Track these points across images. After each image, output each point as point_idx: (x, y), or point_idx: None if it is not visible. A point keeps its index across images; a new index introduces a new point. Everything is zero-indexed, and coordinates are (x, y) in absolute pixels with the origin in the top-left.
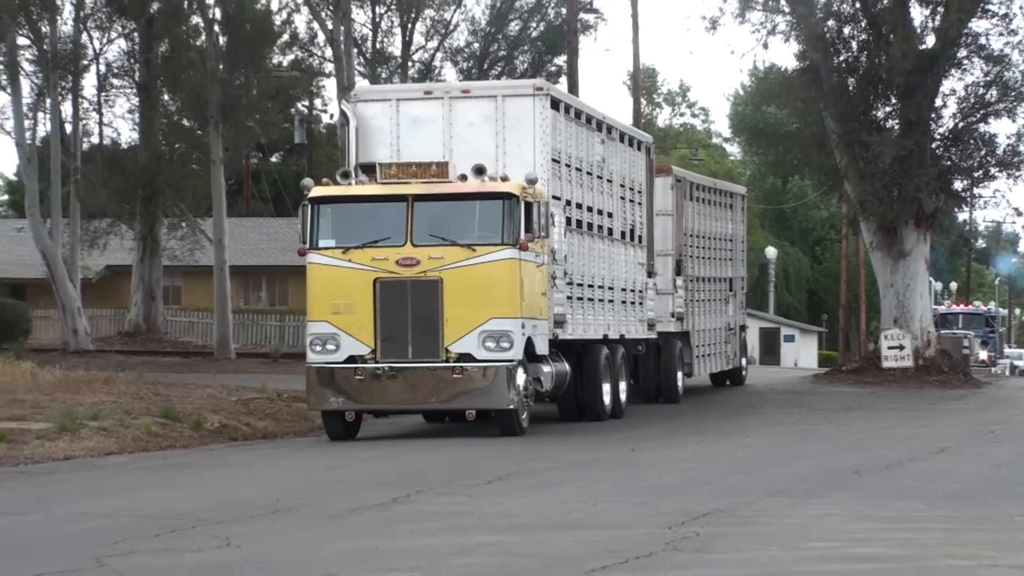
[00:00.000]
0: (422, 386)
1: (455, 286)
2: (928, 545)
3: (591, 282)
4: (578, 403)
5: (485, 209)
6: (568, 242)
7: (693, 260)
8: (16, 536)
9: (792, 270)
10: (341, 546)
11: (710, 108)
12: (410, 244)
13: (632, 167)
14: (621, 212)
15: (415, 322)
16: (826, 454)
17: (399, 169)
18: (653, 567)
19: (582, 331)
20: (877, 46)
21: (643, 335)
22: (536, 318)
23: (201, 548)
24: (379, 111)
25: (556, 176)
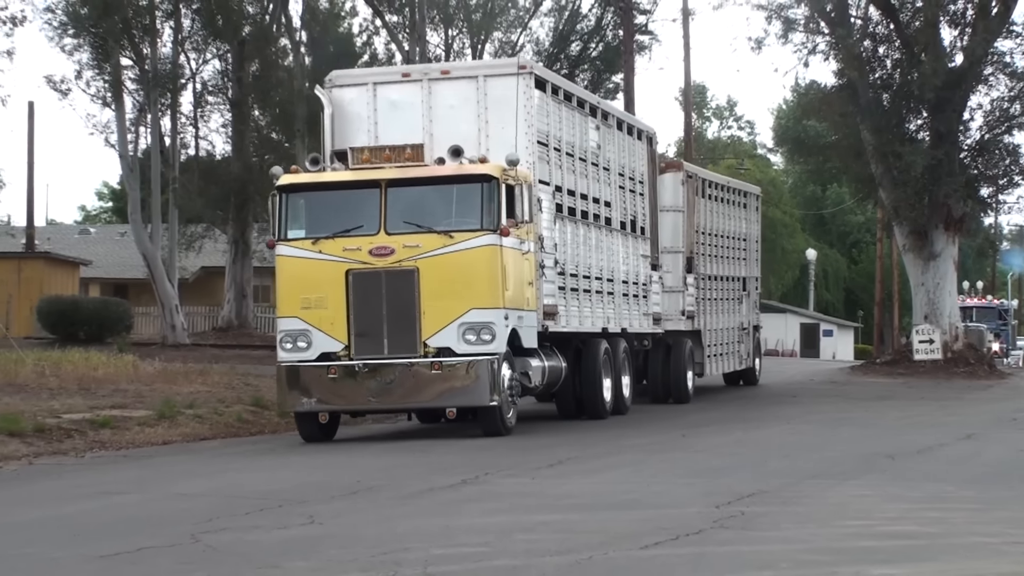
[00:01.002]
0: (399, 384)
1: (432, 276)
2: (956, 524)
3: (587, 272)
4: (577, 400)
5: (463, 193)
6: (560, 230)
7: (705, 258)
8: (120, 514)
9: (831, 270)
10: (415, 523)
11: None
12: (384, 232)
13: (632, 157)
14: (620, 202)
15: (390, 315)
16: (861, 440)
17: (372, 153)
18: (702, 543)
19: (577, 323)
20: (910, 64)
21: (647, 329)
22: (522, 309)
23: (287, 525)
24: (356, 96)
25: (543, 160)
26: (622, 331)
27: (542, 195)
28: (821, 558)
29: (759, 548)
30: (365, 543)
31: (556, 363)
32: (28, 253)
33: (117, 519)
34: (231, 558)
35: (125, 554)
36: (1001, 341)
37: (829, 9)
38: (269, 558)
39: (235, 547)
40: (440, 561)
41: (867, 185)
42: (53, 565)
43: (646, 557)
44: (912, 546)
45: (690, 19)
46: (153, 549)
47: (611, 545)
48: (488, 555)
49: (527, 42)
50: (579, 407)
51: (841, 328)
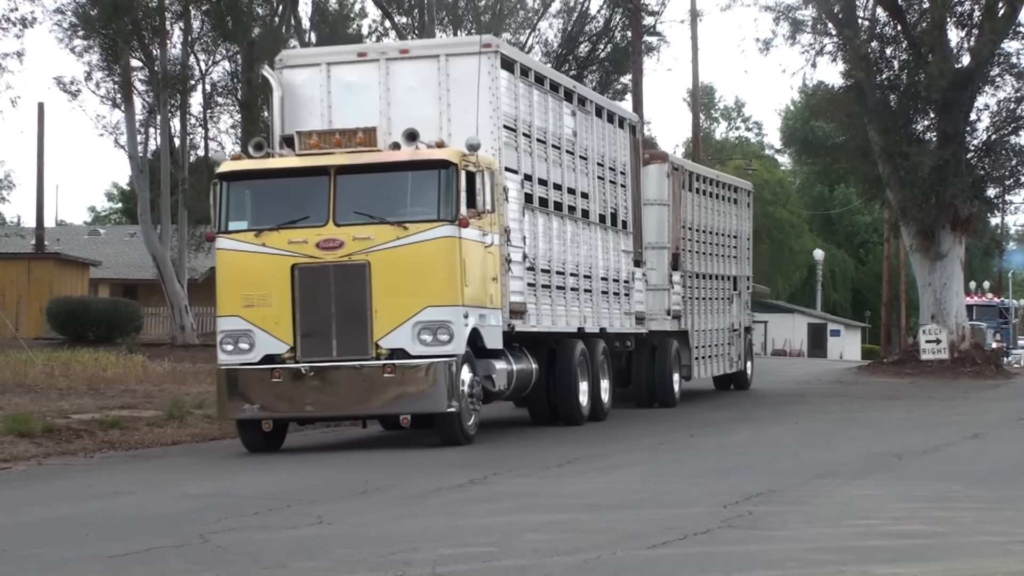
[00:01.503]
0: (349, 388)
1: (385, 271)
2: (963, 523)
3: (560, 268)
4: (551, 405)
5: (418, 180)
6: (529, 222)
7: (692, 255)
8: (129, 514)
9: (838, 270)
10: (423, 523)
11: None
12: (332, 224)
13: (613, 146)
14: (600, 194)
15: (339, 314)
16: (869, 439)
17: (320, 138)
18: (710, 542)
19: (549, 322)
20: (917, 65)
21: (630, 329)
22: (484, 307)
23: (296, 525)
24: (308, 78)
25: (511, 146)
26: (601, 331)
27: (509, 184)
28: (828, 557)
29: (767, 547)
30: (373, 543)
31: (526, 366)
32: (38, 254)
33: (126, 519)
34: (240, 558)
35: (134, 554)
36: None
37: (836, 10)
38: (278, 558)
39: (244, 547)
40: (448, 561)
41: (874, 185)
42: (63, 565)
43: (654, 557)
44: (919, 545)
45: (698, 20)
46: (162, 549)
47: (619, 545)
48: (496, 555)
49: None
50: (553, 412)
51: (848, 328)
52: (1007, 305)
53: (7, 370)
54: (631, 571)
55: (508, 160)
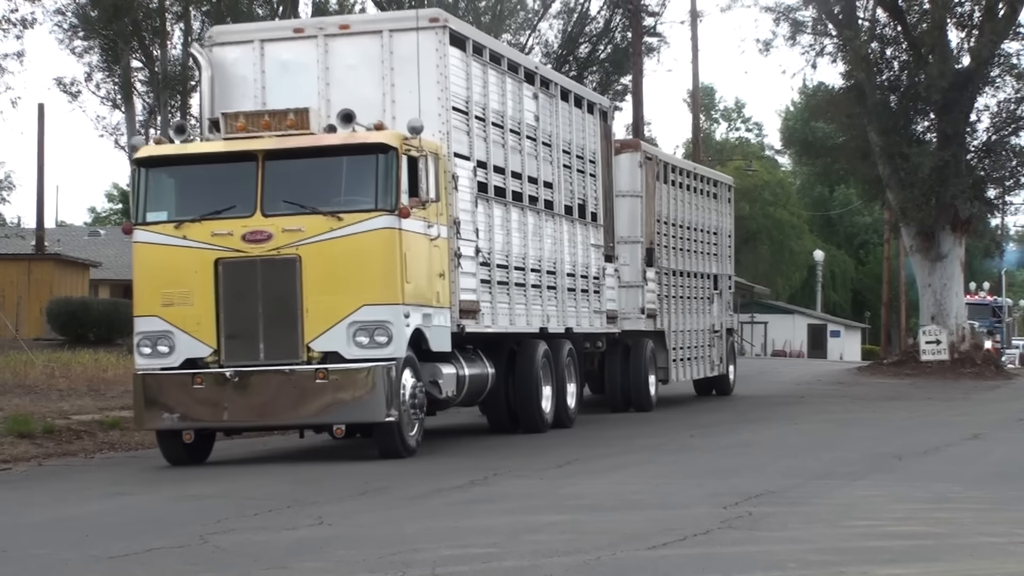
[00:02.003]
0: (277, 395)
1: (317, 266)
2: (963, 524)
3: (520, 263)
4: (511, 411)
5: (354, 166)
6: (484, 213)
7: (668, 251)
8: (129, 515)
9: (838, 271)
10: (424, 524)
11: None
12: (260, 214)
13: (582, 133)
14: (567, 183)
15: (267, 313)
16: (869, 440)
17: (248, 120)
18: (710, 543)
19: (507, 322)
20: (917, 66)
21: (600, 329)
22: (429, 305)
23: (296, 526)
24: (240, 56)
25: (461, 130)
26: (567, 331)
27: (459, 171)
28: (828, 558)
29: (767, 548)
30: (374, 544)
31: (480, 369)
32: (38, 255)
33: (126, 520)
34: (240, 559)
35: (134, 555)
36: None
37: (837, 11)
38: (278, 559)
39: (244, 548)
40: (449, 562)
41: (874, 186)
42: (63, 566)
43: (654, 557)
44: (919, 546)
45: (698, 21)
46: (162, 550)
47: (619, 546)
48: (496, 556)
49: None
50: (513, 419)
51: (848, 329)
52: (1000, 304)
53: (7, 371)
54: (631, 571)
55: (458, 145)
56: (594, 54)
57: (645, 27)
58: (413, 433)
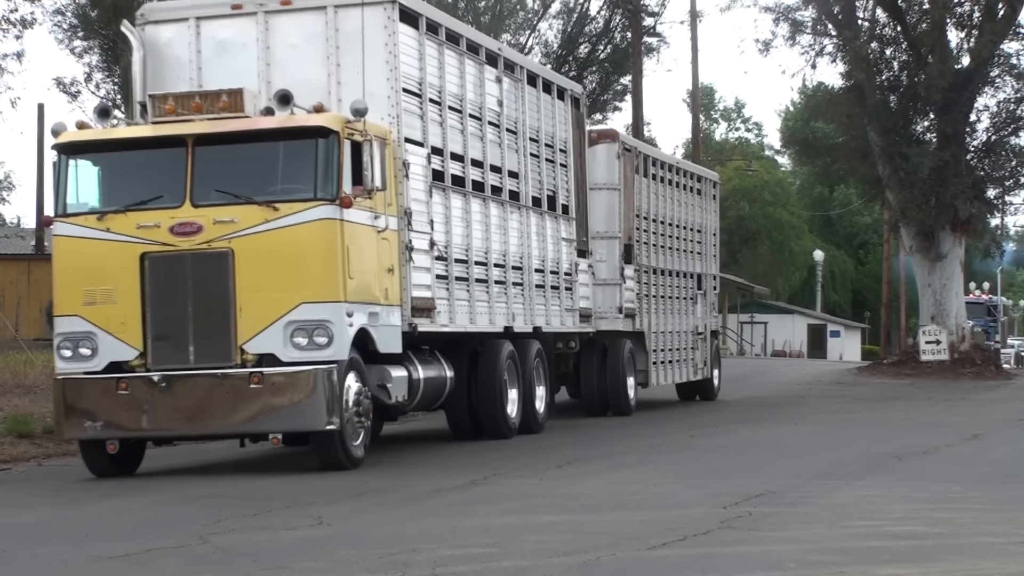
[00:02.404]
0: (208, 401)
1: (251, 260)
2: (963, 524)
3: (482, 258)
4: (473, 416)
5: (292, 152)
6: (440, 203)
7: (648, 248)
8: (128, 515)
9: (838, 271)
10: (423, 524)
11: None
12: (189, 204)
13: (551, 120)
14: (535, 173)
15: (198, 313)
16: (868, 440)
17: (177, 102)
18: (709, 544)
19: (466, 321)
20: (917, 66)
21: (573, 328)
22: (376, 303)
23: (295, 526)
24: (174, 35)
25: (414, 114)
26: (535, 330)
27: (411, 158)
28: (828, 558)
29: (766, 548)
30: (373, 544)
31: (437, 372)
32: (38, 255)
33: (126, 520)
34: (240, 559)
35: (134, 555)
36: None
37: (836, 11)
38: (278, 559)
39: (244, 548)
40: (448, 562)
41: (874, 186)
42: (63, 566)
43: (654, 557)
44: (919, 546)
45: (698, 21)
46: (162, 550)
47: (619, 546)
48: (496, 556)
49: (535, 44)
50: (476, 424)
51: (848, 329)
52: (995, 303)
53: (7, 371)
54: (631, 572)
55: (410, 130)
56: (594, 54)
57: (645, 27)
58: (358, 442)
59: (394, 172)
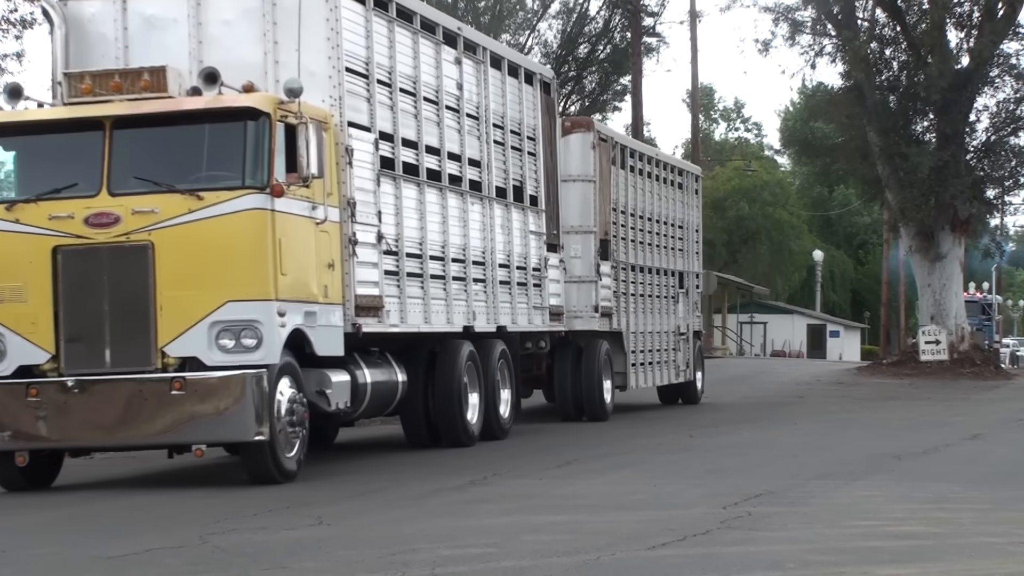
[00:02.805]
0: (126, 409)
1: (173, 254)
2: (962, 524)
3: (438, 252)
4: (430, 422)
5: (218, 135)
6: (391, 194)
7: (626, 243)
8: (128, 515)
9: (837, 271)
10: (423, 524)
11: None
12: (106, 193)
13: (518, 106)
14: (500, 163)
15: (115, 312)
16: (868, 440)
17: (95, 81)
18: (709, 544)
19: (421, 320)
20: (916, 66)
21: (542, 327)
22: (313, 301)
23: (295, 526)
24: (99, 10)
25: (360, 96)
26: (499, 330)
27: (356, 143)
28: (828, 558)
29: (766, 548)
30: (373, 544)
31: (387, 375)
32: None
33: (126, 520)
34: (239, 559)
35: (134, 555)
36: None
37: (836, 11)
38: (277, 559)
39: (243, 548)
40: (448, 562)
41: (874, 186)
42: (63, 566)
43: (653, 558)
44: (919, 546)
45: (697, 21)
46: (162, 550)
47: (618, 546)
48: (496, 556)
49: (535, 44)
50: (433, 431)
51: (848, 329)
52: (989, 301)
53: None
54: (631, 572)
55: (355, 113)
56: (593, 54)
57: (644, 27)
58: (292, 453)
59: (335, 159)
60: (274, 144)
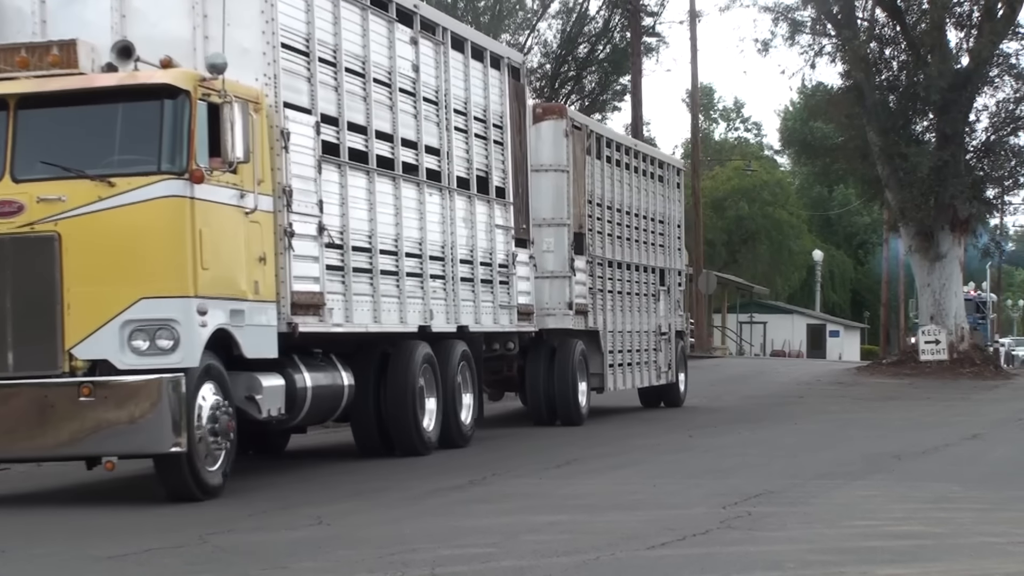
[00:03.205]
0: (28, 417)
1: (82, 247)
2: (962, 524)
3: (391, 246)
4: (382, 428)
5: (132, 115)
6: (337, 182)
7: (603, 237)
8: (127, 515)
9: (837, 271)
10: (422, 524)
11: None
12: (9, 179)
13: (484, 91)
14: (462, 151)
15: (17, 310)
16: (868, 440)
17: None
18: (709, 543)
19: (370, 319)
20: (916, 66)
21: (509, 327)
22: (241, 298)
23: (294, 527)
24: None
25: (300, 75)
26: (460, 330)
27: (293, 126)
28: (827, 558)
29: (766, 548)
30: (372, 544)
31: (329, 380)
32: None
33: (125, 520)
34: (239, 559)
35: (133, 555)
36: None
37: (835, 11)
38: (277, 559)
39: (243, 548)
40: (447, 562)
41: (873, 186)
42: (63, 566)
43: (653, 557)
44: (918, 546)
45: (697, 21)
46: (161, 550)
47: (618, 546)
48: (495, 556)
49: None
50: (386, 439)
51: (847, 329)
52: (984, 299)
53: None
54: (630, 572)
55: (293, 94)
56: (593, 54)
57: (644, 27)
58: (215, 467)
59: (267, 142)
60: (194, 125)
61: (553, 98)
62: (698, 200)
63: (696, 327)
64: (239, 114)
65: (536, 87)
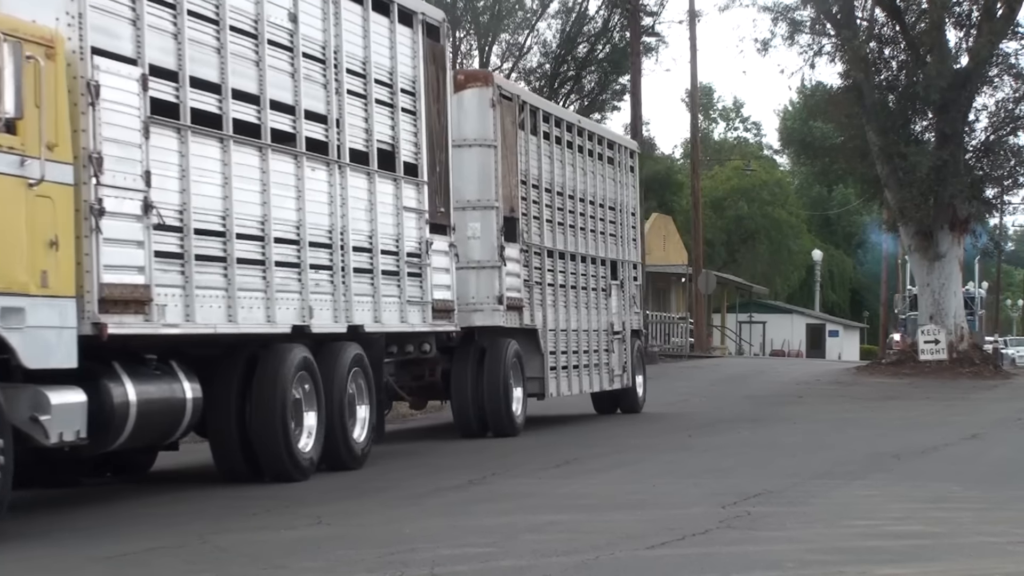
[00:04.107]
0: None
1: None
2: (961, 523)
3: (255, 230)
4: (248, 449)
5: None
6: (175, 149)
7: (541, 223)
8: (127, 515)
9: (836, 271)
10: (422, 524)
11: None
12: None
13: (389, 50)
14: (360, 119)
15: None
16: (867, 439)
17: None
18: (708, 543)
19: (220, 317)
20: (915, 65)
21: (421, 326)
22: (20, 293)
23: (295, 526)
24: None
25: (122, 17)
26: (351, 330)
27: (106, 78)
28: (827, 558)
29: (765, 548)
30: (372, 543)
31: (164, 392)
32: None
33: (124, 520)
34: (239, 558)
35: (133, 555)
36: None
37: (835, 11)
38: (277, 558)
39: (243, 547)
40: (447, 561)
41: (873, 186)
42: (62, 566)
43: (652, 557)
44: (918, 546)
45: (697, 21)
46: (161, 549)
47: (617, 545)
48: (495, 555)
49: (534, 43)
50: (252, 461)
51: (847, 329)
52: (972, 294)
53: None
54: (630, 571)
55: (108, 38)
56: (592, 54)
57: (643, 27)
58: None
59: (61, 96)
60: None
61: (553, 98)
62: (697, 200)
63: (696, 327)
64: (11, 57)
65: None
